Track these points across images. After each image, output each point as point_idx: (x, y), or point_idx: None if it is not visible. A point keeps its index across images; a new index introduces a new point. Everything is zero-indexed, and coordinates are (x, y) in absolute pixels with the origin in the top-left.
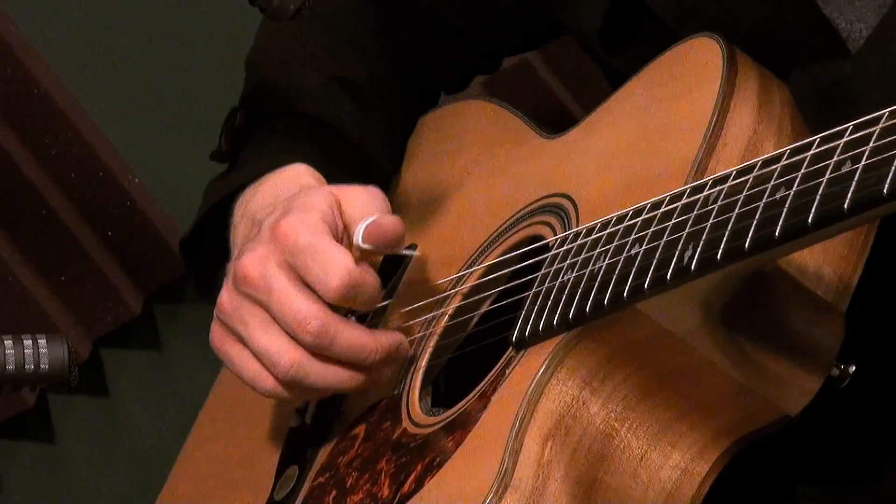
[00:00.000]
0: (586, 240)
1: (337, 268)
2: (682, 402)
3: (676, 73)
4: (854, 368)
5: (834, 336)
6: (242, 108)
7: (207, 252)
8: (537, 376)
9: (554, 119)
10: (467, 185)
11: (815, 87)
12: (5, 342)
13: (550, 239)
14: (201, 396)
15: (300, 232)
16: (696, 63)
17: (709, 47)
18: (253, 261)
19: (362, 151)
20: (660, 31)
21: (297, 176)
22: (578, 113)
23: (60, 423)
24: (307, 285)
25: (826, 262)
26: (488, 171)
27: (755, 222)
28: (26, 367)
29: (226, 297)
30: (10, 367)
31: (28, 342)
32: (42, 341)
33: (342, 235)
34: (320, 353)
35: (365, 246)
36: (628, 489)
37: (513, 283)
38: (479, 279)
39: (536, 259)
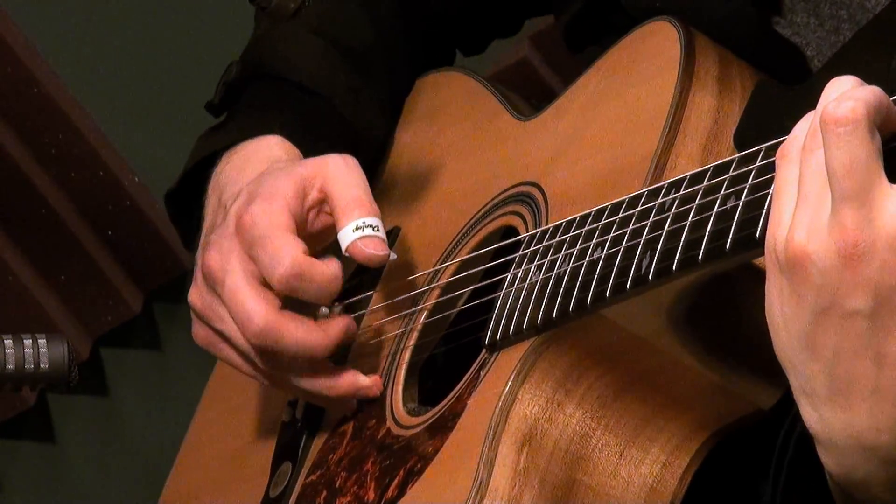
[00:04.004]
0: (552, 241)
1: (283, 257)
2: (657, 398)
3: (635, 58)
4: None
5: None
6: (240, 61)
7: (194, 207)
8: (509, 382)
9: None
10: (447, 166)
11: (767, 101)
12: (5, 341)
13: (520, 236)
14: (200, 395)
15: (257, 222)
16: (654, 48)
17: (666, 32)
18: (216, 254)
19: (353, 126)
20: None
21: (267, 148)
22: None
23: (60, 422)
24: (263, 280)
25: None
26: (466, 153)
27: (707, 234)
28: (26, 366)
29: (196, 294)
30: (10, 366)
31: (28, 341)
32: (42, 341)
33: (312, 214)
34: (270, 351)
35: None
36: (608, 487)
37: (485, 283)
38: (453, 275)
39: (506, 259)
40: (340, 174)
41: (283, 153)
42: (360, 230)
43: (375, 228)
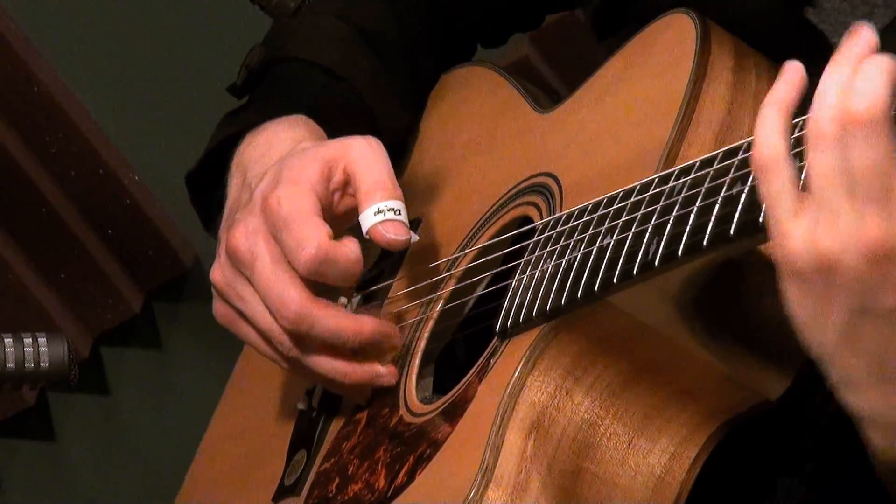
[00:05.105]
0: (564, 227)
1: (308, 242)
2: (666, 388)
3: (652, 51)
4: None
5: None
6: (264, 44)
7: (215, 188)
8: (518, 369)
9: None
10: (468, 158)
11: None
12: (5, 340)
13: (534, 224)
14: (201, 394)
15: (283, 205)
16: (670, 40)
17: (683, 24)
18: (242, 234)
19: (375, 111)
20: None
21: (291, 127)
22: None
23: (60, 421)
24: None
25: None
26: (487, 145)
27: (713, 218)
28: (26, 365)
29: (219, 271)
30: (10, 365)
31: (28, 340)
32: (42, 339)
33: (337, 196)
34: (301, 336)
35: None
36: (616, 476)
37: (500, 269)
38: (470, 263)
39: (521, 245)
40: (364, 156)
41: (307, 133)
42: (381, 213)
43: (397, 212)
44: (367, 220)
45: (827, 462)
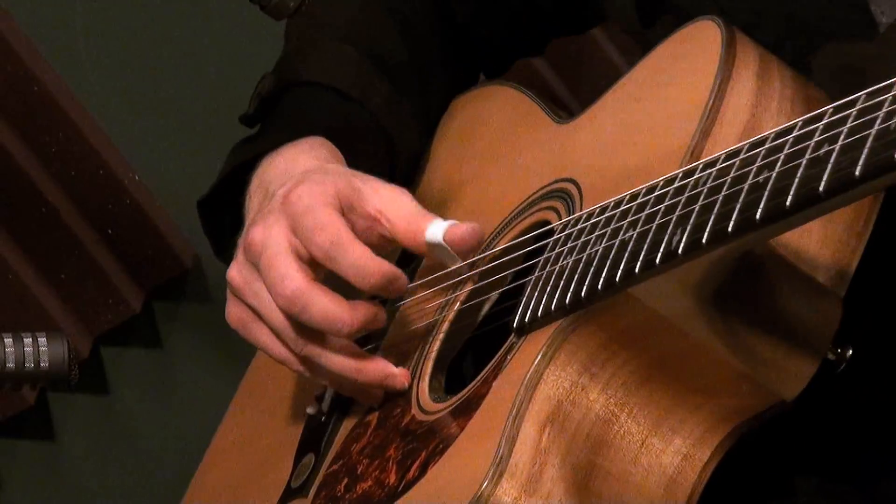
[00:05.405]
0: (585, 224)
1: (326, 224)
2: (681, 388)
3: (677, 57)
4: (851, 353)
5: (830, 319)
6: (274, 73)
7: (226, 214)
8: (535, 362)
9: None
10: (486, 170)
11: (837, 64)
12: (5, 340)
13: (554, 224)
14: (201, 393)
15: (303, 198)
16: (696, 47)
17: (709, 30)
18: (260, 229)
19: (391, 132)
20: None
21: (312, 148)
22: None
23: (60, 421)
24: (301, 251)
25: (825, 245)
26: (505, 157)
27: (738, 205)
28: (26, 365)
29: (235, 270)
30: (10, 365)
31: (28, 340)
32: (42, 339)
33: (353, 219)
34: (296, 318)
35: (439, 242)
36: (628, 475)
37: (517, 268)
38: (488, 264)
39: (540, 244)
40: (394, 197)
41: (329, 154)
42: (440, 224)
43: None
44: (438, 228)
45: (844, 464)
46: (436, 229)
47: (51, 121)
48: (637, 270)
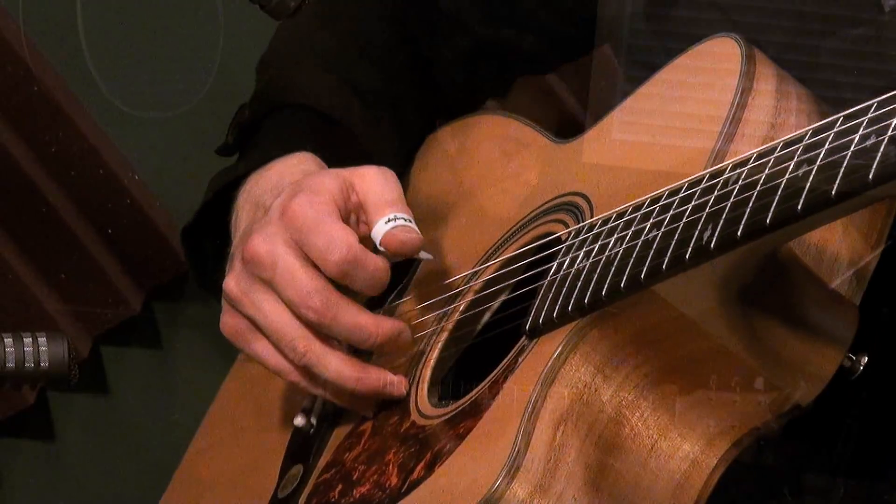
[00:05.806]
0: (602, 228)
1: (338, 242)
2: (693, 392)
3: (696, 71)
4: (866, 360)
5: (847, 326)
6: (252, 104)
7: (209, 242)
8: (551, 360)
9: (560, 124)
10: (481, 192)
11: (849, 42)
12: (5, 340)
13: (563, 232)
14: (201, 394)
15: (306, 212)
16: (716, 61)
17: (728, 46)
18: (261, 240)
19: (373, 156)
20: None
21: (300, 163)
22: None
23: (60, 420)
24: (313, 264)
25: (842, 252)
26: (501, 178)
27: (777, 197)
28: (26, 364)
29: (233, 281)
30: (10, 364)
31: (28, 340)
32: (42, 339)
33: (353, 217)
34: (322, 330)
35: (381, 250)
36: (638, 477)
37: (525, 275)
38: (492, 274)
39: (549, 251)
40: (377, 180)
41: (316, 167)
42: (392, 221)
43: (408, 220)
44: (380, 229)
45: (857, 471)
46: (378, 229)
47: (50, 120)
48: (664, 267)
